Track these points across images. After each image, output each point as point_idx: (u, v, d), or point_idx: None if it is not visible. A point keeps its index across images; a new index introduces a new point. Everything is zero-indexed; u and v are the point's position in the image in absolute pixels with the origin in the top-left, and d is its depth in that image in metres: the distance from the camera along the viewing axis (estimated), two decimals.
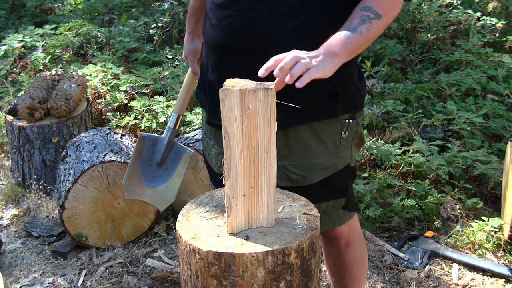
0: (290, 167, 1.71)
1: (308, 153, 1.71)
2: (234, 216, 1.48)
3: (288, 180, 1.73)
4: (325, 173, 1.74)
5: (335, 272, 2.04)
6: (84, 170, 2.76)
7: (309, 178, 1.73)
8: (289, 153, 1.71)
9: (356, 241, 1.95)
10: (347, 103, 1.70)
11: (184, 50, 2.08)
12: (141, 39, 5.28)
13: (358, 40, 1.51)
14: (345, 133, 1.72)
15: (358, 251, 1.97)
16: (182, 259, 1.51)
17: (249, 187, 1.47)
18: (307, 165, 1.71)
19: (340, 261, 1.97)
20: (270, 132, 1.44)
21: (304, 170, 1.72)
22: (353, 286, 2.02)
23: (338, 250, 1.95)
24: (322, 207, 1.77)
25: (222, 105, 1.39)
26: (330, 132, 1.71)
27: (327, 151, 1.72)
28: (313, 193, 1.71)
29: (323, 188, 1.75)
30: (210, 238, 1.46)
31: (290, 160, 1.71)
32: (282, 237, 1.45)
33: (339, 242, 1.91)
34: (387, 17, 1.56)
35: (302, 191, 1.68)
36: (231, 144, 1.42)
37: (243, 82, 1.44)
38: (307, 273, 1.47)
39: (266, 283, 1.40)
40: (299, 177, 1.73)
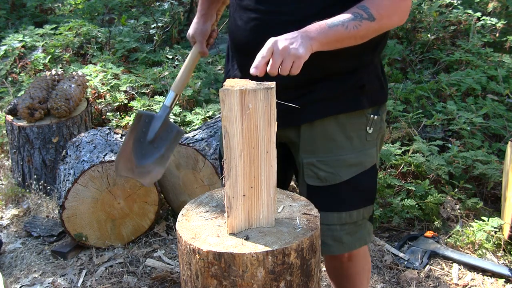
0: (318, 163, 1.70)
1: (335, 148, 1.70)
2: (234, 216, 1.48)
3: (317, 179, 1.72)
4: (353, 171, 1.72)
5: (336, 282, 2.01)
6: (84, 170, 2.76)
7: (338, 175, 1.71)
8: (315, 149, 1.70)
9: (360, 254, 1.90)
10: (372, 97, 1.71)
11: (193, 30, 2.05)
12: (141, 39, 5.28)
13: (341, 33, 1.50)
14: (370, 128, 1.72)
15: (360, 264, 1.94)
16: (182, 259, 1.51)
17: (249, 187, 1.47)
18: (334, 161, 1.70)
19: (342, 273, 1.95)
20: (270, 132, 1.44)
21: (332, 166, 1.70)
22: None
23: (341, 263, 1.91)
24: (354, 217, 1.75)
25: (222, 105, 1.39)
26: (356, 127, 1.71)
27: (353, 146, 1.71)
28: (343, 195, 1.72)
29: (352, 190, 1.73)
30: (210, 238, 1.46)
31: (317, 156, 1.71)
32: (282, 237, 1.45)
33: (342, 255, 1.87)
34: (382, 22, 1.54)
35: (333, 194, 1.70)
36: (231, 144, 1.42)
37: (243, 82, 1.44)
38: (307, 273, 1.47)
39: (266, 283, 1.40)
40: (327, 174, 1.71)
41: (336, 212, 1.73)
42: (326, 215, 1.70)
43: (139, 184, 2.81)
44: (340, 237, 1.76)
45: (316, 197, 1.68)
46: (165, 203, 3.18)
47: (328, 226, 1.73)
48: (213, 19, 2.04)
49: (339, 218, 1.74)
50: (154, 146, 2.10)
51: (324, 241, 1.73)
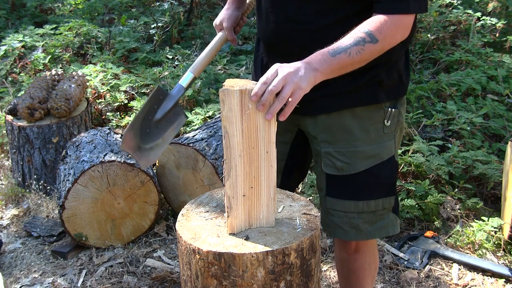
0: (335, 153, 1.75)
1: (352, 140, 1.73)
2: (234, 216, 1.48)
3: (334, 168, 1.76)
4: (370, 162, 1.75)
5: (342, 275, 2.04)
6: (84, 170, 2.76)
7: (354, 165, 1.74)
8: (333, 140, 1.74)
9: (367, 248, 1.94)
10: (390, 91, 1.73)
11: (222, 16, 2.01)
12: (141, 39, 5.28)
13: (344, 60, 1.50)
14: (387, 121, 1.74)
15: (367, 259, 1.96)
16: (182, 259, 1.51)
17: (249, 187, 1.47)
18: (351, 152, 1.74)
19: (348, 266, 1.98)
20: (270, 132, 1.44)
21: (349, 157, 1.74)
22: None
23: (347, 255, 1.95)
24: (372, 206, 1.79)
25: (222, 106, 1.39)
26: (373, 120, 1.74)
27: (370, 139, 1.74)
28: (360, 185, 1.76)
29: (369, 180, 1.76)
30: (210, 238, 1.46)
31: (335, 147, 1.75)
32: (282, 237, 1.45)
33: (348, 247, 1.92)
34: (384, 43, 1.53)
35: (350, 183, 1.75)
36: (231, 145, 1.42)
37: (243, 82, 1.44)
38: (307, 273, 1.48)
39: (266, 283, 1.40)
40: (344, 164, 1.75)
41: (353, 201, 1.77)
42: (343, 202, 1.78)
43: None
44: (357, 225, 1.80)
45: (334, 186, 1.77)
46: (165, 203, 3.18)
47: (345, 213, 1.79)
48: (244, 8, 2.03)
49: (356, 207, 1.78)
50: (159, 127, 2.07)
51: (341, 227, 1.80)
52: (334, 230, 1.84)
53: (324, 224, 1.86)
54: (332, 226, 1.83)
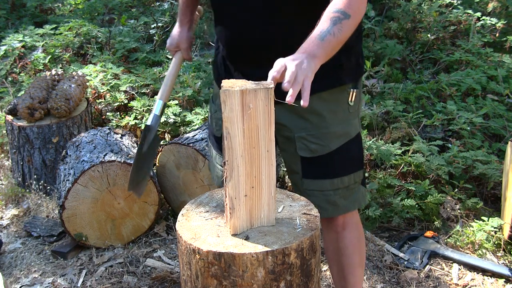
0: (308, 137, 1.84)
1: (323, 122, 1.84)
2: (237, 217, 1.48)
3: (308, 151, 1.86)
4: (341, 140, 1.87)
5: (334, 260, 2.08)
6: (84, 170, 2.76)
7: (327, 146, 1.85)
8: (305, 125, 1.84)
9: (353, 223, 2.02)
10: (351, 73, 1.85)
11: (178, 39, 2.19)
12: (141, 39, 5.28)
13: (332, 41, 1.56)
14: (351, 101, 1.87)
15: (354, 234, 2.03)
16: (182, 259, 1.51)
17: (250, 187, 1.47)
18: (323, 134, 1.84)
19: (338, 246, 2.02)
20: (270, 131, 1.45)
21: (322, 139, 1.85)
22: (351, 274, 2.04)
23: (336, 233, 2.01)
24: (345, 182, 1.90)
25: (223, 106, 1.39)
26: (339, 101, 1.86)
27: (339, 119, 1.86)
28: (334, 163, 1.87)
29: (342, 157, 1.88)
30: (210, 238, 1.46)
31: (308, 131, 1.85)
32: (282, 237, 1.45)
33: (336, 224, 1.99)
34: (356, 16, 1.61)
35: (324, 163, 1.86)
36: (232, 145, 1.42)
37: (241, 82, 1.44)
38: (307, 273, 1.48)
39: (266, 283, 1.40)
40: (318, 146, 1.85)
41: (329, 179, 1.88)
42: (320, 182, 1.88)
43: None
44: (334, 201, 1.90)
45: (310, 167, 1.87)
46: (165, 203, 3.18)
47: (322, 192, 1.89)
48: (193, 27, 2.22)
49: (331, 184, 1.88)
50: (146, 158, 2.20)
51: (320, 205, 1.85)
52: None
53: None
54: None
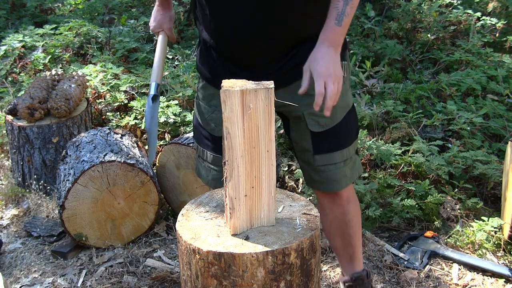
0: (317, 112, 1.88)
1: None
2: (237, 217, 1.48)
3: (318, 125, 1.96)
4: (343, 111, 1.98)
5: (339, 234, 2.18)
6: (84, 170, 2.76)
7: (334, 118, 1.95)
8: (312, 100, 1.88)
9: (354, 195, 2.16)
10: (343, 48, 1.92)
11: (160, 19, 2.24)
12: (141, 39, 5.28)
13: (347, 22, 1.73)
14: (345, 73, 1.95)
15: (356, 206, 2.17)
16: (182, 259, 1.51)
17: (250, 187, 1.47)
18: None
19: (345, 220, 2.13)
20: (270, 131, 1.45)
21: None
22: (358, 240, 2.20)
23: (342, 208, 2.11)
24: (350, 151, 2.02)
25: (223, 106, 1.39)
26: None
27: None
28: (341, 134, 1.99)
29: (346, 128, 2.00)
30: (210, 238, 1.46)
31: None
32: (282, 237, 1.45)
33: (342, 199, 2.08)
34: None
35: (333, 136, 1.97)
36: (233, 145, 1.42)
37: (241, 82, 1.44)
38: (307, 273, 1.48)
39: (266, 283, 1.40)
40: (327, 119, 1.95)
41: (339, 151, 1.99)
42: (332, 155, 1.99)
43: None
44: (344, 172, 2.02)
45: (321, 142, 1.97)
46: (165, 203, 3.18)
47: (335, 165, 2.00)
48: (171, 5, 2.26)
49: (341, 155, 2.00)
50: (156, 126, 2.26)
51: (334, 179, 2.00)
52: (328, 185, 2.03)
53: (316, 183, 2.05)
54: (326, 182, 2.02)
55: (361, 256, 2.26)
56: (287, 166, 3.30)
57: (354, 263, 2.23)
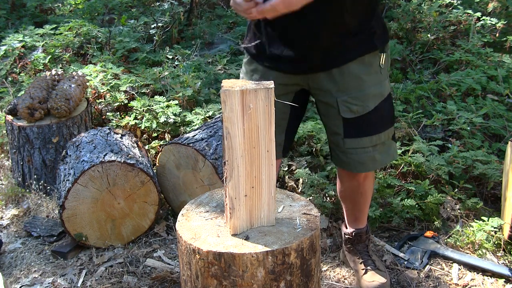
0: (350, 99, 2.06)
1: (362, 85, 2.07)
2: (237, 217, 1.48)
3: (350, 112, 2.08)
4: (376, 100, 2.10)
5: (350, 200, 2.42)
6: (84, 170, 2.76)
7: (367, 106, 2.08)
8: (347, 88, 2.06)
9: (372, 175, 2.35)
10: (381, 38, 2.08)
11: None
12: (141, 39, 5.28)
13: None
14: (382, 64, 2.10)
15: (371, 182, 2.37)
16: (182, 259, 1.51)
17: (250, 187, 1.47)
18: (363, 95, 2.07)
19: (359, 191, 2.34)
20: (270, 131, 1.45)
21: (362, 100, 2.07)
22: (366, 207, 2.44)
23: (358, 183, 2.31)
24: (382, 138, 2.15)
25: (223, 106, 1.39)
26: (373, 65, 2.08)
27: (374, 81, 2.09)
28: (371, 121, 2.10)
29: (378, 116, 2.11)
30: (210, 238, 1.46)
31: (349, 94, 2.07)
32: (282, 237, 1.45)
33: (360, 176, 2.28)
34: None
35: (364, 122, 2.09)
36: (233, 145, 1.42)
37: (241, 82, 1.44)
38: (307, 273, 1.48)
39: (266, 283, 1.40)
40: (358, 107, 2.08)
41: (368, 137, 2.12)
42: (361, 140, 2.12)
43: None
44: (373, 156, 2.16)
45: (351, 127, 2.10)
46: (165, 203, 3.18)
47: (363, 149, 2.14)
48: None
49: (370, 141, 2.13)
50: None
51: (361, 161, 2.16)
52: (355, 166, 2.19)
53: (343, 164, 2.22)
54: (353, 164, 2.18)
55: (366, 217, 2.49)
56: (287, 166, 3.30)
57: (358, 222, 2.48)
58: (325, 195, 3.02)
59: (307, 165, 3.30)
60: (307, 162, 3.32)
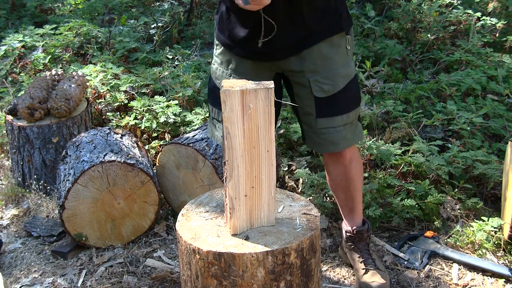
0: (321, 79, 2.15)
1: (332, 64, 2.15)
2: (237, 217, 1.48)
3: (322, 91, 2.16)
4: (345, 80, 2.18)
5: (341, 188, 2.44)
6: (84, 170, 2.76)
7: (337, 85, 2.16)
8: (318, 68, 2.14)
9: (357, 157, 2.39)
10: (346, 21, 2.19)
11: None
12: (141, 39, 5.28)
13: None
14: (348, 46, 2.20)
15: (359, 166, 2.40)
16: (182, 259, 1.51)
17: (250, 187, 1.47)
18: (333, 75, 2.16)
19: (346, 177, 2.38)
20: (270, 131, 1.45)
21: (332, 79, 2.16)
22: (358, 196, 2.45)
23: (344, 167, 2.35)
24: (350, 117, 2.23)
25: (223, 107, 1.39)
26: (341, 46, 2.17)
27: (342, 61, 2.18)
28: (342, 100, 2.19)
29: (347, 95, 2.19)
30: (210, 238, 1.46)
31: (320, 74, 2.15)
32: (282, 237, 1.45)
33: (344, 159, 2.32)
34: None
35: (334, 102, 2.17)
36: (232, 145, 1.42)
37: (241, 82, 1.44)
38: (307, 273, 1.48)
39: (266, 283, 1.40)
40: (329, 86, 2.16)
41: (339, 116, 2.19)
42: (333, 119, 2.20)
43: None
44: (345, 135, 2.23)
45: (323, 106, 2.18)
46: (165, 203, 3.18)
47: (334, 128, 2.21)
48: None
49: (341, 120, 2.20)
50: None
51: (334, 141, 2.23)
52: (327, 146, 2.26)
53: (316, 145, 2.29)
54: (325, 144, 2.25)
55: (361, 210, 2.52)
56: (287, 166, 3.30)
57: (354, 215, 2.50)
58: (325, 195, 3.02)
59: (307, 165, 3.30)
60: (307, 162, 3.32)
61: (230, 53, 2.23)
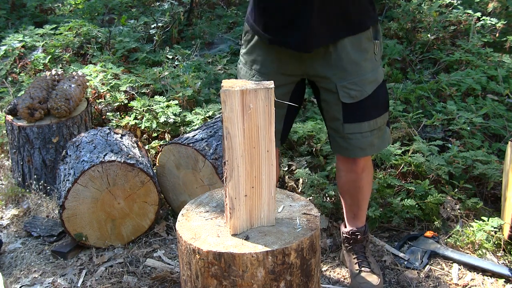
0: (348, 85, 2.13)
1: (360, 70, 2.13)
2: (237, 217, 1.48)
3: (349, 97, 2.15)
4: (373, 86, 2.17)
5: (350, 195, 2.44)
6: (84, 170, 2.76)
7: (364, 91, 2.15)
8: (345, 74, 2.12)
9: (370, 166, 2.40)
10: (371, 15, 2.17)
11: None
12: (141, 39, 5.28)
13: None
14: (376, 51, 2.18)
15: (370, 175, 2.41)
16: (182, 259, 1.51)
17: (250, 187, 1.47)
18: (361, 80, 2.14)
19: (356, 185, 2.38)
20: (270, 131, 1.45)
21: (360, 85, 2.14)
22: (364, 205, 2.46)
23: (356, 175, 2.35)
24: (378, 123, 2.21)
25: (223, 106, 1.39)
26: (369, 52, 2.16)
27: (370, 67, 2.16)
28: (369, 106, 2.17)
29: (374, 101, 2.18)
30: (210, 238, 1.46)
31: (348, 80, 2.13)
32: (282, 237, 1.45)
33: (357, 167, 2.32)
34: None
35: (362, 107, 2.15)
36: (232, 145, 1.42)
37: (241, 82, 1.44)
38: (307, 273, 1.48)
39: (266, 283, 1.40)
40: (357, 92, 2.14)
41: (366, 122, 2.18)
42: (360, 125, 2.19)
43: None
44: (371, 141, 2.22)
45: (350, 112, 2.17)
46: (165, 203, 3.18)
47: (361, 134, 2.20)
48: None
49: (369, 126, 2.19)
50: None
51: (360, 146, 2.22)
52: (354, 151, 2.24)
53: (343, 149, 2.26)
54: (352, 149, 2.23)
55: (365, 216, 2.52)
56: (287, 166, 3.30)
57: (357, 220, 2.50)
58: (325, 195, 3.02)
59: (307, 165, 3.30)
60: (307, 162, 3.32)
61: (259, 48, 2.18)
